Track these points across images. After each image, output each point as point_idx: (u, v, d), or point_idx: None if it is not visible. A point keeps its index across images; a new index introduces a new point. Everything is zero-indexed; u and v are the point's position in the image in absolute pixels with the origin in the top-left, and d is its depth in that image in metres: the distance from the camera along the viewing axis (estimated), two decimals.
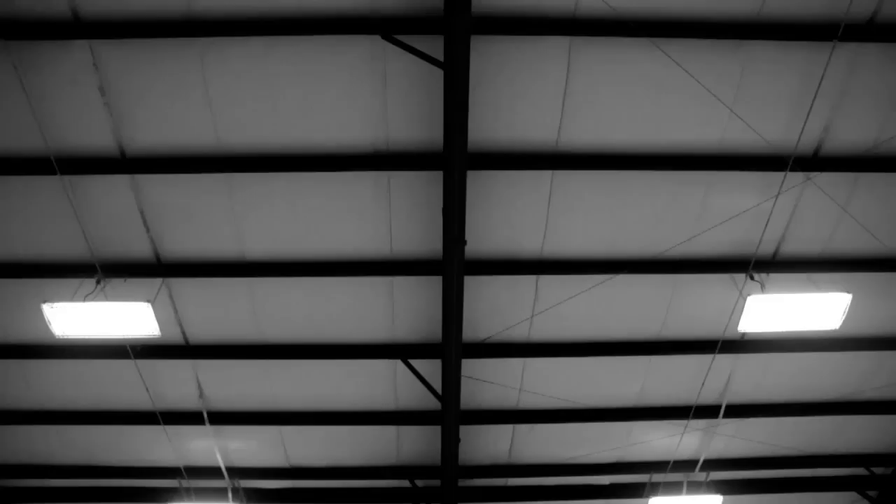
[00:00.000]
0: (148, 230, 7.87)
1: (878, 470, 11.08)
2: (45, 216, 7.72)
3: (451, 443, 8.45)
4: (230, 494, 10.28)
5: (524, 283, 8.39)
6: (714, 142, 7.36)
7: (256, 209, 7.70)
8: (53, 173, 7.20)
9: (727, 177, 7.65)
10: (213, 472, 10.38)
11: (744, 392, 9.81)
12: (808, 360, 9.52)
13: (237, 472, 10.45)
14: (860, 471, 11.10)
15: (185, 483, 10.45)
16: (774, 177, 7.60)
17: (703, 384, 9.28)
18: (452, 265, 6.87)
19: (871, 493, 11.21)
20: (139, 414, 9.80)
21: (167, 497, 10.50)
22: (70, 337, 7.79)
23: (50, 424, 9.95)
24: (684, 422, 9.89)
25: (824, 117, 7.21)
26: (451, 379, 7.69)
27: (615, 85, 6.89)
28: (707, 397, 9.79)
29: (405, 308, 8.63)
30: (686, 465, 10.57)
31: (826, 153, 7.51)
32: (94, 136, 7.10)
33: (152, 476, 10.56)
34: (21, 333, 8.88)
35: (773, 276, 8.44)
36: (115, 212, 7.71)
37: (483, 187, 7.53)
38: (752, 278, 8.29)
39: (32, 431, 10.14)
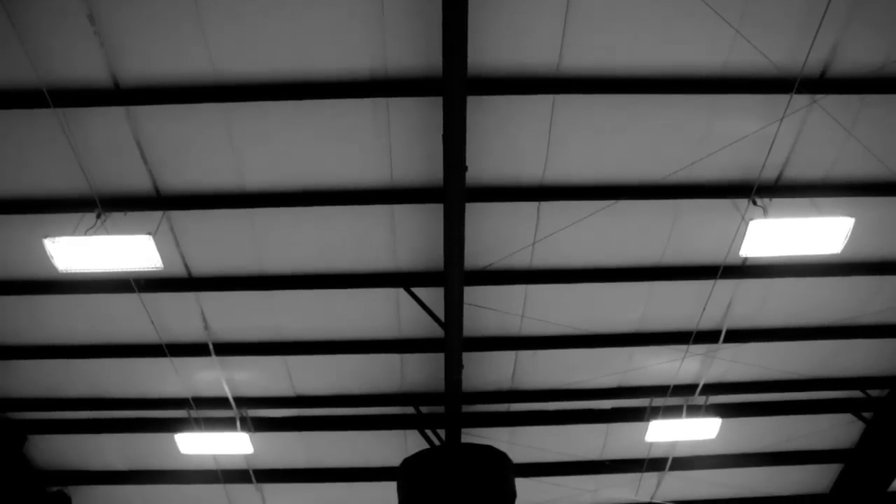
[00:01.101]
0: (146, 163, 7.80)
1: (873, 392, 11.25)
2: (42, 151, 7.64)
3: (454, 369, 8.56)
4: (238, 423, 10.47)
5: (525, 210, 8.37)
6: (718, 64, 7.21)
7: (255, 139, 7.60)
8: (47, 106, 7.09)
9: (731, 100, 7.52)
10: (221, 402, 10.55)
11: (744, 317, 9.89)
12: (808, 285, 9.56)
13: (244, 402, 10.62)
14: (856, 393, 11.26)
15: (194, 413, 10.63)
16: (779, 100, 7.48)
17: (703, 310, 9.34)
18: (453, 192, 6.81)
19: (866, 415, 11.42)
20: (146, 347, 9.91)
21: (177, 427, 10.70)
22: (73, 271, 7.79)
23: (58, 358, 10.07)
24: (685, 347, 10.01)
25: (832, 38, 7.04)
26: (454, 306, 7.73)
27: (617, 6, 6.71)
28: (707, 323, 9.88)
29: (407, 236, 8.62)
30: (686, 389, 10.73)
31: (833, 75, 7.36)
32: (86, 68, 6.96)
33: (161, 407, 10.72)
34: (26, 269, 8.90)
35: (775, 200, 8.40)
36: (113, 145, 7.62)
37: (484, 113, 7.42)
38: (754, 203, 8.25)
39: (42, 366, 10.28)
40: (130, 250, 7.52)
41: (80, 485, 12.09)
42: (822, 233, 7.62)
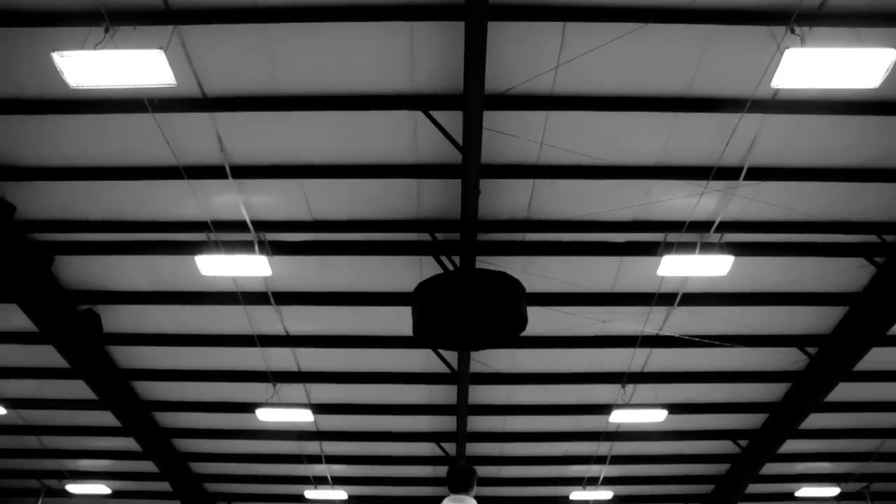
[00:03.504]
0: None
1: (889, 238, 11.17)
2: None
3: (470, 195, 8.54)
4: (256, 246, 10.64)
5: (550, 31, 7.97)
6: None
7: None
8: None
9: None
10: (239, 225, 10.66)
11: (768, 155, 9.68)
12: (837, 124, 9.25)
13: (262, 226, 10.72)
14: (872, 238, 11.20)
15: (213, 236, 10.80)
16: None
17: (727, 144, 9.13)
18: (475, 7, 6.49)
19: (879, 260, 11.43)
20: (164, 169, 9.89)
21: (197, 249, 10.89)
22: (85, 87, 7.65)
23: (77, 180, 10.11)
24: (704, 182, 9.89)
25: None
26: (473, 129, 7.60)
27: None
28: (730, 159, 9.67)
29: (426, 56, 8.31)
30: (701, 226, 10.68)
31: None
32: None
33: (181, 230, 10.87)
34: (38, 89, 8.72)
35: (815, 29, 7.94)
36: None
37: None
38: (792, 32, 7.80)
39: (63, 187, 10.34)
40: (142, 65, 7.33)
41: (108, 304, 12.57)
42: (861, 64, 7.27)
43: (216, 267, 10.71)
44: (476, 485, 5.66)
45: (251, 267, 10.71)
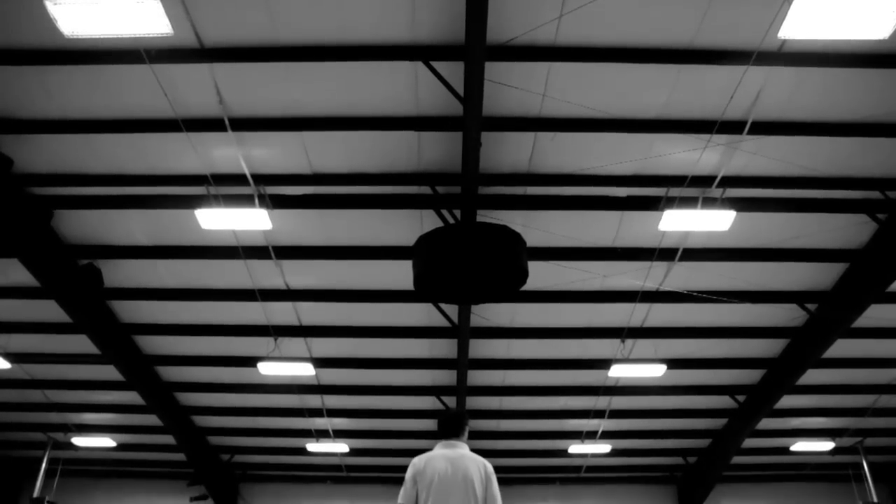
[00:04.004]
0: None
1: (891, 194, 11.11)
2: None
3: (471, 147, 8.47)
4: (256, 200, 10.60)
5: None
6: None
7: None
8: None
9: None
10: (239, 178, 10.59)
11: (773, 108, 9.56)
12: (844, 77, 9.11)
13: (262, 179, 10.64)
14: (874, 194, 11.15)
15: (213, 190, 10.74)
16: None
17: (731, 98, 9.01)
18: None
19: (881, 216, 11.39)
20: (163, 122, 9.77)
21: (197, 203, 10.84)
22: (80, 36, 7.55)
23: (75, 133, 10.01)
24: (707, 136, 9.79)
25: None
26: (474, 80, 7.50)
27: None
28: (734, 113, 9.55)
29: (426, 6, 8.15)
30: (704, 181, 10.62)
31: None
32: None
33: (181, 183, 10.81)
34: (33, 38, 8.55)
35: None
36: None
37: None
38: None
39: (60, 141, 10.23)
40: (137, 14, 7.26)
41: (109, 258, 12.57)
42: (872, 14, 7.16)
43: (216, 221, 10.71)
44: (468, 430, 5.65)
45: (251, 220, 10.70)
